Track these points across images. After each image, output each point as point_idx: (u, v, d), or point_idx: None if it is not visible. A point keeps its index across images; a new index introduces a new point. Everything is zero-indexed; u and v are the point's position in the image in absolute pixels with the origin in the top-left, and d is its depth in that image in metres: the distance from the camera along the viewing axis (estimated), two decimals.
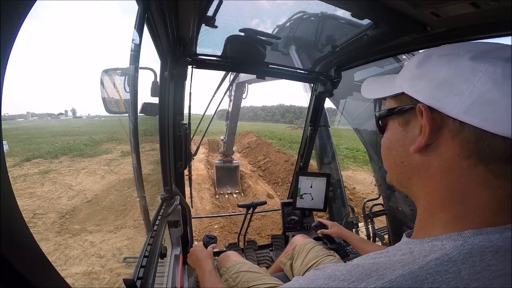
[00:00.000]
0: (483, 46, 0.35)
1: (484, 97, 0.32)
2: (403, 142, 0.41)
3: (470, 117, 0.33)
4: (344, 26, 1.12)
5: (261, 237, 4.81)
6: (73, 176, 9.53)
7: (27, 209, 6.37)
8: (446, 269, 0.30)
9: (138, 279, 0.73)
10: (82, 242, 4.85)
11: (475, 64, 0.33)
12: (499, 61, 0.32)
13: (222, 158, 8.64)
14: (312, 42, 1.25)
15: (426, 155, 0.38)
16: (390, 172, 0.47)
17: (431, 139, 0.36)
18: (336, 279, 0.33)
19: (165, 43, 1.01)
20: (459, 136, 0.34)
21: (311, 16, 1.09)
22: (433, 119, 0.36)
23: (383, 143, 0.46)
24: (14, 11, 0.29)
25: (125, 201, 6.87)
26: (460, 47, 0.37)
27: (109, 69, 0.84)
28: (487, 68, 0.32)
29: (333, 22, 1.11)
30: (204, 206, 6.55)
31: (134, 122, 0.75)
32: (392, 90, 0.44)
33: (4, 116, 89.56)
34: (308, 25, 1.15)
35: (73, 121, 67.85)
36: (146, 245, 0.92)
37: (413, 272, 0.30)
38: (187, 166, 1.46)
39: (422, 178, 0.39)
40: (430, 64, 0.38)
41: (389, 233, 2.22)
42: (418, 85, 0.38)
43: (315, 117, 1.87)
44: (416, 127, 0.39)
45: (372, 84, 0.51)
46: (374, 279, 0.31)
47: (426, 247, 0.34)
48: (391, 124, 0.45)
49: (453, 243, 0.32)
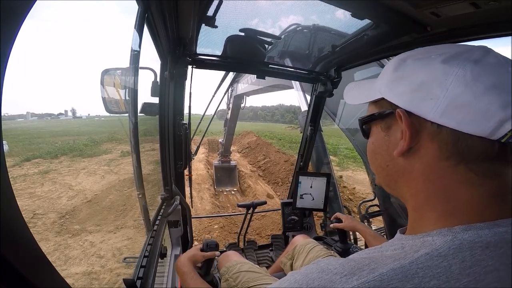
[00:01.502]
0: (454, 49, 0.36)
1: (457, 100, 0.33)
2: (386, 147, 0.42)
3: (447, 120, 0.34)
4: (345, 26, 1.12)
5: (261, 237, 4.81)
6: (73, 176, 9.53)
7: (27, 209, 6.36)
8: (436, 263, 0.30)
9: (138, 279, 0.73)
10: (82, 242, 4.85)
11: (447, 68, 0.34)
12: (468, 63, 0.33)
13: (220, 158, 8.99)
14: (314, 37, 1.26)
15: (409, 158, 0.39)
16: (377, 175, 0.48)
17: (412, 143, 0.38)
18: (329, 272, 0.34)
19: (165, 43, 1.02)
20: (437, 138, 0.35)
21: (314, 11, 1.09)
22: (412, 123, 0.37)
23: (368, 147, 0.47)
24: (14, 11, 0.29)
25: (125, 201, 6.87)
26: (432, 50, 0.38)
27: (109, 69, 0.84)
28: (458, 72, 0.33)
29: (335, 18, 1.10)
30: (204, 206, 6.55)
31: (134, 122, 0.75)
32: (372, 96, 0.44)
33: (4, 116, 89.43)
34: (311, 21, 1.15)
35: (73, 121, 67.86)
36: (146, 245, 0.92)
37: (404, 266, 0.31)
38: (187, 166, 1.46)
39: (407, 180, 0.41)
40: (406, 68, 0.39)
41: (386, 233, 2.22)
42: (395, 90, 0.39)
43: (315, 117, 1.87)
44: (398, 131, 0.40)
45: (353, 89, 0.52)
46: (366, 273, 0.31)
47: (417, 243, 0.34)
48: (374, 128, 0.46)
49: (443, 238, 0.33)
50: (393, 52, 1.20)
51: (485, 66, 0.33)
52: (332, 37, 1.22)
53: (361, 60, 1.41)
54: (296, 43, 1.23)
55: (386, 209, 2.15)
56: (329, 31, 1.16)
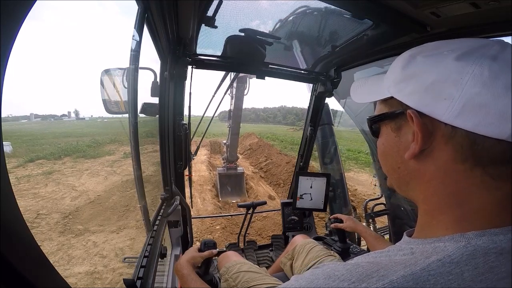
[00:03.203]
0: (467, 44, 0.34)
1: (474, 101, 0.31)
2: (397, 148, 0.40)
3: (462, 121, 0.32)
4: (344, 26, 1.12)
5: (262, 237, 4.81)
6: (76, 177, 9.61)
7: (31, 209, 6.42)
8: (448, 270, 0.29)
9: (138, 279, 0.73)
10: (85, 242, 4.89)
11: (461, 65, 0.32)
12: (485, 60, 0.31)
13: (225, 164, 7.75)
14: (314, 37, 1.25)
15: (421, 160, 0.37)
16: (389, 176, 0.46)
17: (425, 146, 0.36)
18: (336, 279, 0.33)
19: (165, 43, 1.02)
20: (452, 140, 0.33)
21: (314, 11, 1.08)
22: (424, 124, 0.35)
23: (378, 148, 0.45)
24: (14, 11, 0.30)
25: (127, 202, 6.91)
26: (443, 45, 0.36)
27: (109, 69, 0.85)
28: (474, 70, 0.31)
29: (335, 18, 1.10)
30: (206, 207, 6.56)
31: (134, 123, 0.76)
32: (381, 94, 0.42)
33: (8, 117, 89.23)
34: (311, 20, 1.14)
35: (76, 122, 68.31)
36: (146, 245, 0.93)
37: (415, 273, 0.30)
38: (187, 166, 1.46)
39: (419, 183, 0.39)
40: (416, 66, 0.37)
41: (390, 233, 2.21)
42: (405, 89, 0.37)
43: (315, 117, 1.87)
44: (409, 133, 0.38)
45: (361, 87, 0.50)
46: (375, 280, 0.30)
47: (428, 248, 0.33)
48: (384, 129, 0.43)
49: (456, 244, 0.31)
50: (393, 52, 1.20)
51: (504, 63, 0.31)
52: (337, 27, 1.18)
53: (361, 60, 1.41)
54: (304, 27, 1.21)
55: (392, 209, 2.14)
56: (340, 14, 1.11)
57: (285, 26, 1.15)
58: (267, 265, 1.82)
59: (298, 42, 1.28)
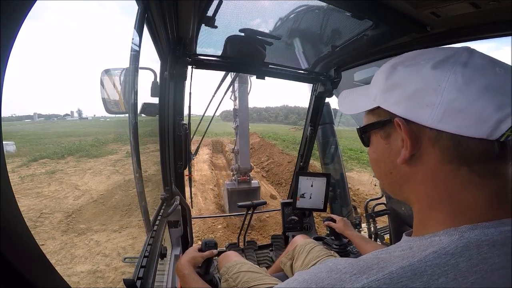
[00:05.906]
0: (440, 53, 0.37)
1: (453, 106, 0.33)
2: (388, 155, 0.43)
3: (445, 125, 0.34)
4: (344, 26, 1.11)
5: (264, 237, 4.81)
6: (79, 176, 9.66)
7: (34, 208, 6.47)
8: (444, 261, 0.31)
9: (138, 279, 0.73)
10: (87, 241, 4.92)
11: (438, 73, 0.35)
12: (458, 67, 0.34)
13: (236, 177, 5.74)
14: (314, 37, 1.24)
15: (412, 164, 0.39)
16: (381, 182, 0.48)
17: (414, 150, 0.38)
18: (338, 271, 0.34)
19: (165, 43, 1.02)
20: (438, 143, 0.36)
21: (314, 11, 1.08)
22: (411, 130, 0.37)
23: (370, 155, 0.48)
24: (14, 11, 0.30)
25: (130, 201, 6.93)
26: (420, 55, 0.39)
27: (109, 69, 0.85)
28: (449, 77, 0.34)
29: (335, 18, 1.09)
30: (208, 207, 6.57)
31: (134, 123, 0.76)
32: (368, 105, 0.44)
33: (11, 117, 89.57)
34: (311, 20, 1.14)
35: (79, 122, 68.66)
36: (146, 245, 0.93)
37: (412, 264, 0.31)
38: (187, 166, 1.47)
39: (412, 185, 0.41)
40: (398, 76, 0.39)
41: (391, 233, 2.20)
42: (391, 99, 0.39)
43: (315, 117, 1.87)
44: (398, 139, 0.40)
45: (348, 98, 0.52)
46: (375, 271, 0.32)
47: (424, 243, 0.35)
48: (374, 137, 0.46)
49: (450, 237, 0.33)
50: (393, 52, 1.19)
51: (474, 68, 0.33)
52: (338, 26, 1.17)
53: (361, 60, 1.40)
54: (305, 24, 1.20)
55: (393, 209, 2.13)
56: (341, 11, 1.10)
57: (285, 26, 1.15)
58: (267, 265, 1.82)
59: (298, 42, 1.28)
